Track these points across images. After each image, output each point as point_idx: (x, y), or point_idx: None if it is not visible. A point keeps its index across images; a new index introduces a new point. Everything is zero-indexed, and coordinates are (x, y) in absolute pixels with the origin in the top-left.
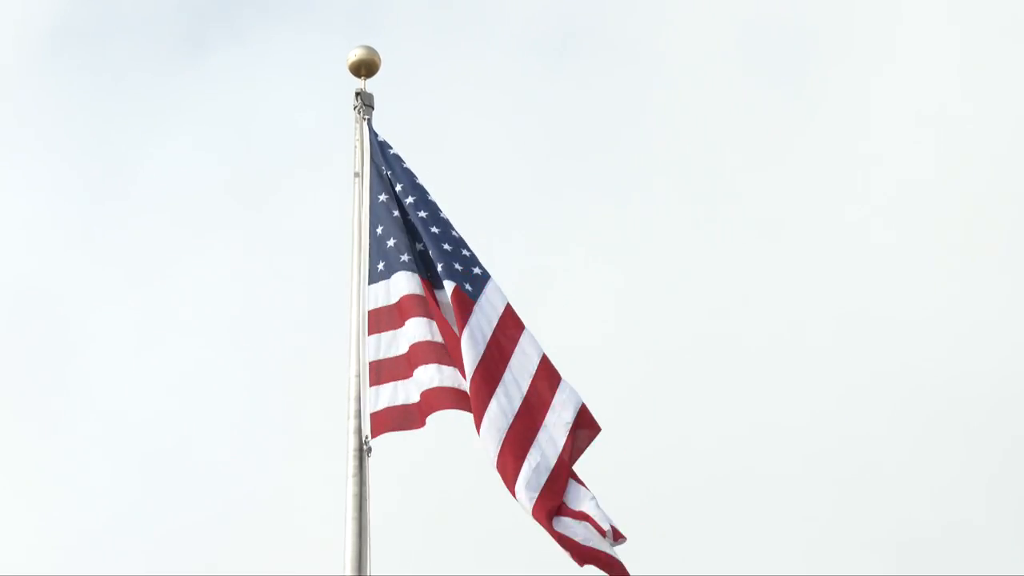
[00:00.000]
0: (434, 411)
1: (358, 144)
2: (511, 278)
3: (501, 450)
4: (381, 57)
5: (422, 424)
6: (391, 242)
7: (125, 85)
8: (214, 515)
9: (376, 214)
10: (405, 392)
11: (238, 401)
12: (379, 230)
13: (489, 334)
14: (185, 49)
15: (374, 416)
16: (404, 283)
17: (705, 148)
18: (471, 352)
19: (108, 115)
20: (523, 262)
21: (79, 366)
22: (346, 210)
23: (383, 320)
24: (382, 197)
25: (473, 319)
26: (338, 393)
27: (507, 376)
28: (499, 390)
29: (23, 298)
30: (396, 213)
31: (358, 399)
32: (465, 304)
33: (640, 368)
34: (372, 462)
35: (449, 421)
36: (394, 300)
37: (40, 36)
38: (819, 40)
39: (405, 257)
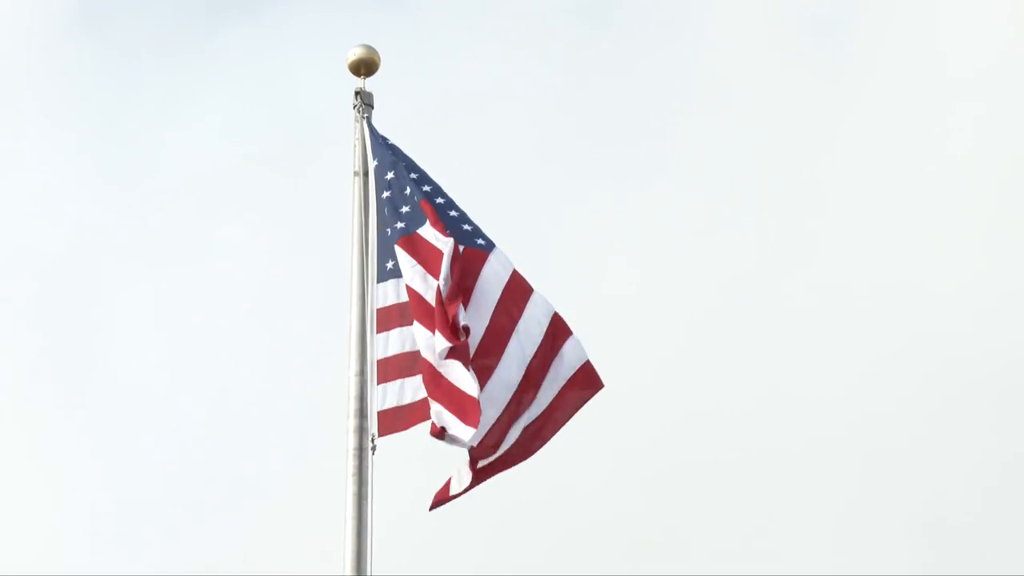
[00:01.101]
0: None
1: (358, 143)
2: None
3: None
4: (380, 56)
5: (428, 417)
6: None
7: (139, 64)
8: (214, 515)
9: (383, 212)
10: (412, 389)
11: (238, 400)
12: (389, 230)
13: (496, 298)
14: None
15: (381, 415)
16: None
17: (747, 132)
18: (477, 318)
19: (123, 96)
20: (550, 262)
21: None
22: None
23: (392, 318)
24: (386, 195)
25: (487, 269)
26: (340, 392)
27: (512, 345)
28: (501, 364)
29: (43, 279)
30: (399, 208)
31: (359, 398)
32: (478, 257)
33: (666, 342)
34: (372, 461)
35: None
36: (404, 299)
37: (57, 17)
38: (860, 21)
39: None
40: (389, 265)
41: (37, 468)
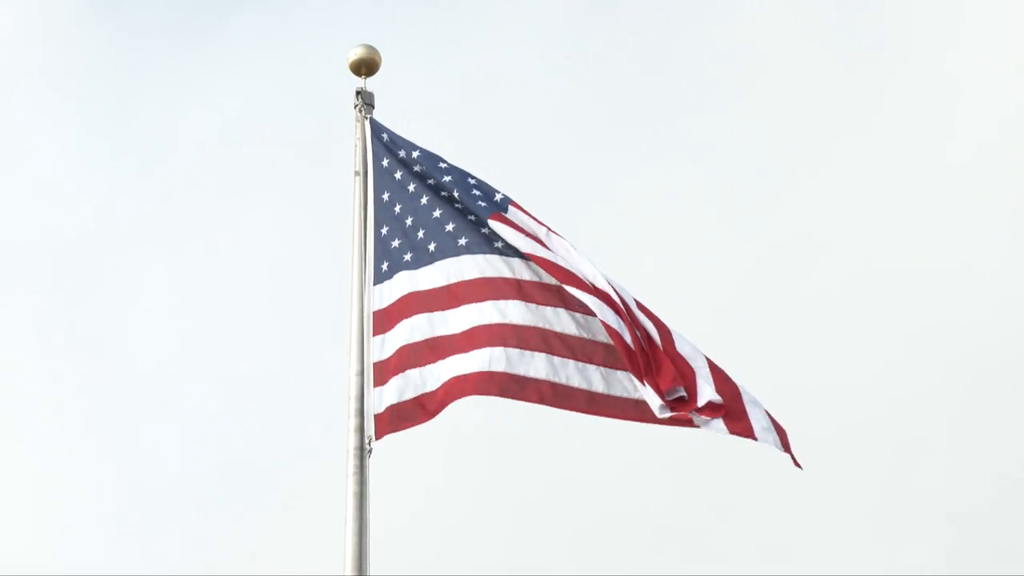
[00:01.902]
0: (451, 401)
1: (358, 143)
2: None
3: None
4: (381, 56)
5: (429, 418)
6: (396, 243)
7: (152, 49)
8: (213, 515)
9: (381, 214)
10: (414, 385)
11: (238, 400)
12: (384, 230)
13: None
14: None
15: (377, 418)
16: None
17: (773, 116)
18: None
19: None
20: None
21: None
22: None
23: (386, 320)
24: (385, 196)
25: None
26: (340, 392)
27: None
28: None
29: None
30: (398, 209)
31: (359, 398)
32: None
33: (686, 327)
34: (373, 461)
35: (452, 420)
36: (404, 293)
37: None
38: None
39: (408, 256)
40: (384, 267)
41: (50, 451)
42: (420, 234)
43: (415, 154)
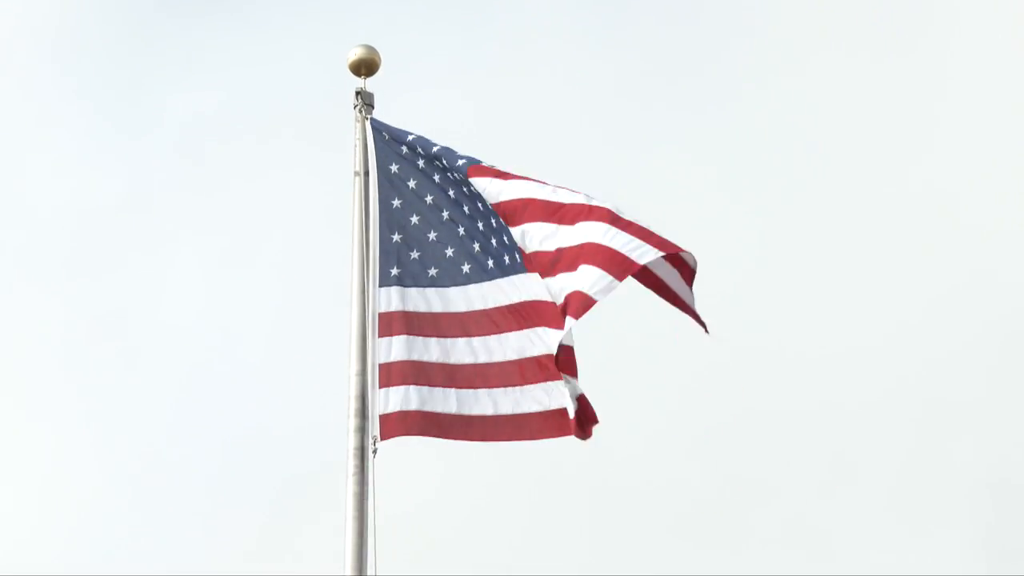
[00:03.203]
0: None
1: (359, 143)
2: None
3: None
4: (381, 56)
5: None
6: (415, 254)
7: (156, 24)
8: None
9: (391, 219)
10: (420, 399)
11: (237, 400)
12: (396, 237)
13: None
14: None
15: (383, 419)
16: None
17: (802, 94)
18: None
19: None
20: None
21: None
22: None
23: (395, 324)
24: (396, 202)
25: None
26: (341, 391)
27: None
28: None
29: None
30: (415, 219)
31: (359, 398)
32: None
33: (713, 296)
34: (373, 462)
35: None
36: (408, 308)
37: None
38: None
39: (433, 271)
40: (394, 271)
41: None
42: (450, 252)
43: (410, 139)
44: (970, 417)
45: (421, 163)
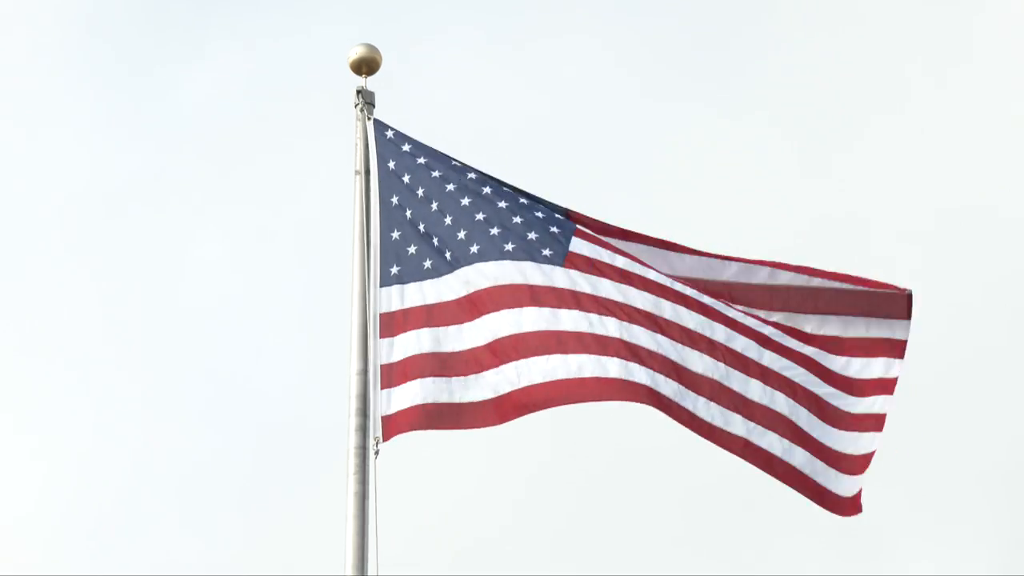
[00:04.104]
0: (515, 415)
1: (359, 142)
2: None
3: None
4: (382, 55)
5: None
6: (412, 248)
7: (168, 9)
8: (212, 513)
9: (390, 217)
10: (424, 392)
11: (237, 399)
12: (395, 235)
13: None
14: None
15: (385, 420)
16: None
17: (850, 61)
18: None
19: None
20: (635, 199)
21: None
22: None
23: (396, 324)
24: (394, 200)
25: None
26: (341, 391)
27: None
28: None
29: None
30: (409, 213)
31: (360, 397)
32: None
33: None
34: (375, 461)
35: None
36: (408, 304)
37: None
38: None
39: (428, 264)
40: (394, 270)
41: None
42: (435, 241)
43: (421, 160)
44: (988, 411)
45: (422, 159)
